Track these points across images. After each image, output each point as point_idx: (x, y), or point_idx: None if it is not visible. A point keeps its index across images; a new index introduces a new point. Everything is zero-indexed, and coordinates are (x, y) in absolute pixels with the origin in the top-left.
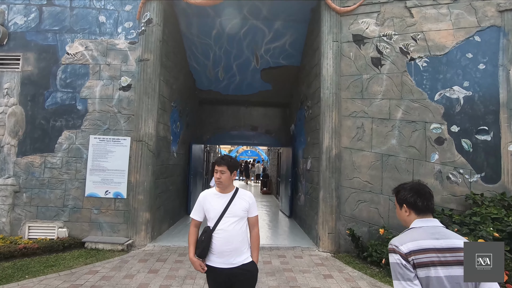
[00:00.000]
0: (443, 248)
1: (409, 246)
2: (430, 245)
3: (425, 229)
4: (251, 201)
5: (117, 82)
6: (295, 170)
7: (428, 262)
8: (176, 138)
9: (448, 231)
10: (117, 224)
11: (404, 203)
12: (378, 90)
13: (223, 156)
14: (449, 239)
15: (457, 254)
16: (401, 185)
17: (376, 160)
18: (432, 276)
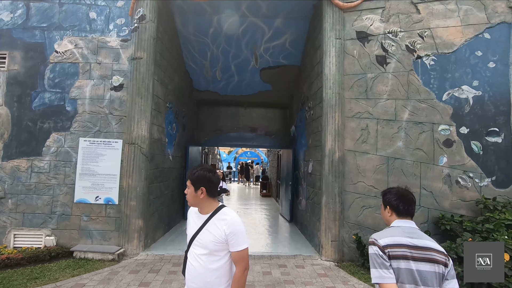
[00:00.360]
0: (415, 246)
1: (386, 241)
2: (404, 241)
3: (402, 229)
4: (230, 230)
5: (108, 81)
6: (296, 173)
7: (400, 256)
8: (172, 140)
9: (421, 232)
10: (108, 232)
11: (388, 205)
12: (384, 89)
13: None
14: (421, 239)
15: (425, 253)
16: (388, 188)
17: (382, 164)
18: (402, 268)
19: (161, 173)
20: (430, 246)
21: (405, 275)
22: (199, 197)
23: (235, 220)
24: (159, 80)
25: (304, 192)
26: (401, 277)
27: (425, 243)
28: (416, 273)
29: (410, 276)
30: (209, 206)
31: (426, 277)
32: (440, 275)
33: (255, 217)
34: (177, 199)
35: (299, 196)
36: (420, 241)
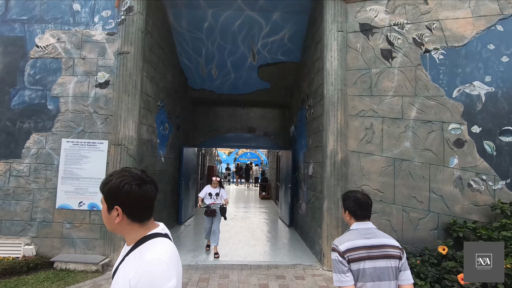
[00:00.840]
0: (372, 246)
1: (345, 246)
2: (361, 243)
3: (360, 231)
4: (136, 283)
5: (93, 78)
6: (296, 175)
7: (359, 258)
8: (164, 141)
9: (378, 231)
10: (93, 240)
11: (347, 210)
12: (389, 86)
13: (111, 173)
14: (377, 238)
15: (381, 250)
16: (347, 193)
17: (388, 166)
18: (361, 268)
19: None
20: (385, 243)
21: (364, 274)
22: (113, 221)
23: (151, 268)
24: (149, 76)
25: (304, 196)
26: (360, 276)
27: (381, 241)
28: (375, 270)
29: (369, 274)
30: (132, 235)
31: (383, 272)
32: (395, 268)
33: (253, 221)
34: (171, 203)
35: (299, 200)
36: (376, 240)
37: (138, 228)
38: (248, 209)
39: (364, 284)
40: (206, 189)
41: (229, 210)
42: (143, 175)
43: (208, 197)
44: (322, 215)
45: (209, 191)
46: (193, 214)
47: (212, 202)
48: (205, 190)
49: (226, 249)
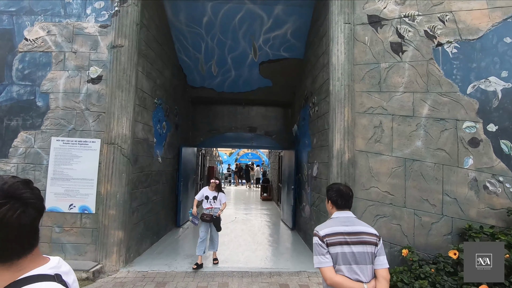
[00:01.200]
0: (350, 232)
1: (325, 231)
2: (340, 230)
3: (340, 219)
4: None
5: (85, 73)
6: (299, 176)
7: (337, 242)
8: (162, 141)
9: (357, 220)
10: (84, 245)
11: (330, 200)
12: (399, 81)
13: None
14: (355, 226)
15: (359, 236)
16: (331, 185)
17: (398, 166)
18: (339, 252)
19: (148, 177)
20: (362, 230)
21: (341, 257)
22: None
23: None
24: (145, 72)
25: (308, 198)
26: (338, 259)
27: (358, 229)
28: (352, 255)
29: (346, 258)
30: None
31: (360, 257)
32: (371, 254)
33: (254, 223)
34: (169, 205)
35: (302, 202)
36: (354, 227)
37: (4, 271)
38: (249, 211)
39: (341, 266)
40: (203, 191)
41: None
42: (14, 190)
43: (205, 200)
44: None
45: (206, 194)
46: None
47: (208, 207)
48: (202, 192)
49: (225, 254)
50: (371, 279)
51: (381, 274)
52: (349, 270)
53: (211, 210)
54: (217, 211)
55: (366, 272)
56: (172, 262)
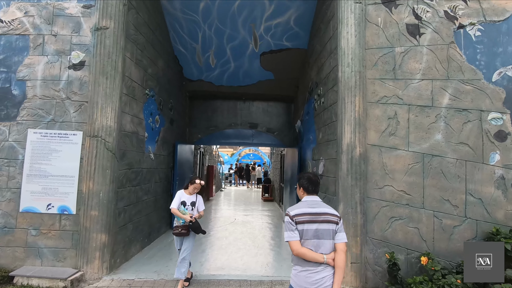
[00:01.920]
0: (316, 213)
1: (295, 211)
2: (307, 211)
3: (308, 202)
4: None
5: (66, 58)
6: None
7: (304, 221)
8: (154, 136)
9: (322, 203)
10: (63, 250)
11: (302, 187)
12: (417, 67)
13: None
14: (320, 208)
15: (323, 216)
16: (302, 174)
17: (415, 162)
18: (305, 229)
19: (138, 174)
20: (326, 211)
21: (308, 233)
22: None
23: None
24: (134, 59)
25: None
26: (305, 235)
27: (323, 210)
28: (316, 231)
29: (311, 233)
30: None
31: (323, 233)
32: (333, 231)
33: (255, 225)
34: (162, 206)
35: None
36: (319, 209)
37: None
38: (249, 212)
39: (307, 240)
40: (180, 195)
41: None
42: None
43: (181, 207)
44: None
45: (183, 199)
46: None
47: None
48: (178, 198)
49: (222, 259)
50: (331, 252)
51: (340, 247)
52: (313, 243)
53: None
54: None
55: (327, 246)
56: (163, 269)
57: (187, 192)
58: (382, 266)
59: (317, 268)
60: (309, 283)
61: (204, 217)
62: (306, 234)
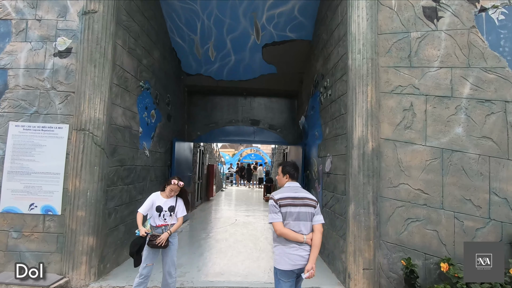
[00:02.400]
0: (297, 197)
1: (278, 196)
2: (289, 195)
3: (290, 187)
4: None
5: (51, 45)
6: (307, 173)
7: (286, 204)
8: (150, 131)
9: (301, 189)
10: (47, 254)
11: (287, 174)
12: (434, 54)
13: None
14: (300, 193)
15: (303, 200)
16: (285, 162)
17: (434, 158)
18: (288, 211)
19: (131, 172)
20: (305, 196)
21: (288, 215)
22: None
23: None
24: (126, 47)
25: (319, 198)
26: (287, 216)
27: (303, 195)
28: (297, 214)
29: (293, 215)
30: None
31: (303, 215)
32: (311, 213)
33: (256, 227)
34: None
35: None
36: (300, 194)
37: None
38: (251, 212)
39: (289, 222)
40: (153, 198)
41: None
42: None
43: (155, 213)
44: (346, 223)
45: (158, 204)
46: (187, 219)
47: (162, 224)
48: (151, 201)
49: (222, 263)
50: (309, 232)
51: (317, 228)
52: (294, 224)
53: (165, 229)
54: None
55: (307, 227)
56: (158, 276)
57: (164, 195)
58: (397, 273)
59: (296, 246)
60: (292, 260)
61: (203, 217)
62: (289, 216)
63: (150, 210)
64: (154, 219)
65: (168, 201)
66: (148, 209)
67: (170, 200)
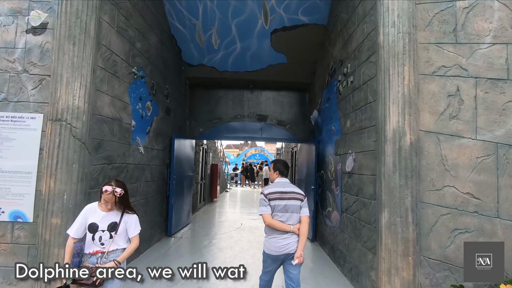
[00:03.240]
0: (285, 192)
1: (269, 191)
2: (278, 190)
3: (280, 183)
4: None
5: (23, 20)
6: (321, 173)
7: (275, 198)
8: (145, 125)
9: (290, 184)
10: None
11: (277, 170)
12: (486, 28)
13: None
14: (288, 188)
15: (291, 194)
16: (277, 160)
17: (486, 155)
18: (276, 204)
19: (121, 171)
20: (293, 190)
21: (278, 207)
22: None
23: None
24: (115, 25)
25: (338, 201)
26: (276, 209)
27: (291, 189)
28: (285, 206)
29: (281, 208)
30: None
31: (290, 208)
32: (299, 206)
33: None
34: (156, 210)
35: (326, 206)
36: (288, 188)
37: None
38: (257, 216)
39: (277, 213)
40: (84, 214)
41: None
42: None
43: (88, 234)
44: (378, 234)
45: (92, 221)
46: (188, 223)
47: (97, 250)
48: (81, 218)
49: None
50: (297, 223)
51: (304, 219)
52: (282, 216)
53: (101, 258)
54: (113, 259)
55: (294, 218)
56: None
57: (102, 206)
58: None
59: (284, 236)
60: (278, 247)
61: (206, 221)
62: (277, 208)
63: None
64: (89, 245)
65: (109, 215)
66: (83, 229)
67: (111, 214)
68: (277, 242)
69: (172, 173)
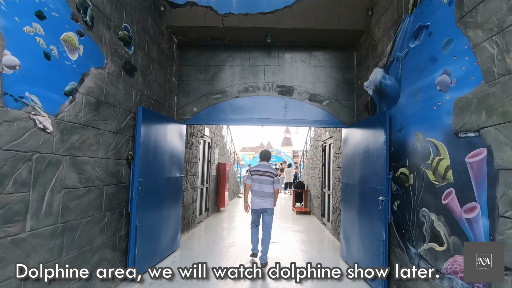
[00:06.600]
0: (261, 170)
1: (252, 168)
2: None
3: (260, 165)
4: None
5: None
6: (398, 175)
7: (255, 174)
8: (63, 77)
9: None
10: None
11: (259, 158)
12: None
13: None
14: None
15: (266, 172)
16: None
17: None
18: (255, 177)
19: None
20: (268, 170)
21: (256, 180)
22: None
23: None
24: None
25: (477, 232)
26: (254, 180)
27: (267, 170)
28: (261, 180)
29: (258, 181)
30: None
31: (266, 182)
32: (271, 181)
33: (286, 262)
34: (98, 237)
35: (418, 238)
36: (265, 169)
37: None
38: (279, 234)
39: (255, 184)
40: None
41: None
42: None
43: None
44: None
45: None
46: (174, 249)
47: None
48: None
49: None
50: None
51: (275, 191)
52: (258, 186)
53: None
54: None
55: (268, 188)
56: None
57: None
58: None
59: (261, 198)
60: (255, 204)
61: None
62: (255, 180)
63: None
64: None
65: None
66: None
67: None
68: (255, 201)
69: (136, 174)
